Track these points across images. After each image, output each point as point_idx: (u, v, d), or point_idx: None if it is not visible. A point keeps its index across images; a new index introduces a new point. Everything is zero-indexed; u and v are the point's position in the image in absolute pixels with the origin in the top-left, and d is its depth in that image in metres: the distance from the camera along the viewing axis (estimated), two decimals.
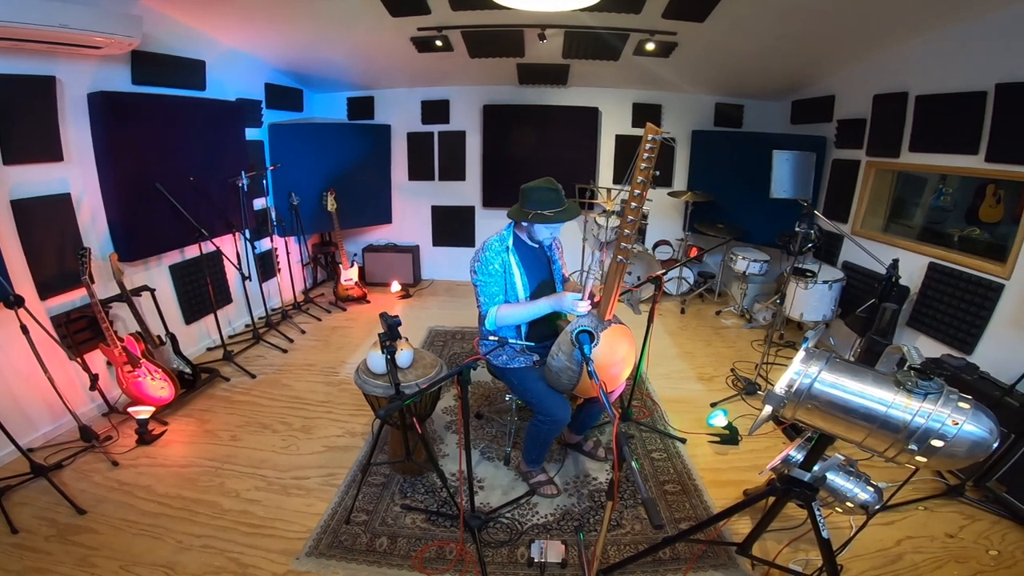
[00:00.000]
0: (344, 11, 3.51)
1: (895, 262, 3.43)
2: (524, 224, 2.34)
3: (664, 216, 5.62)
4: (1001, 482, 2.47)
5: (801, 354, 1.47)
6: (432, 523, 2.38)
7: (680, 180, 5.48)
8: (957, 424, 1.24)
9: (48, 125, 2.77)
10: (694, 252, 5.41)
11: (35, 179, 2.76)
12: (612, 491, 1.55)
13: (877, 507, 1.97)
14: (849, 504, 1.91)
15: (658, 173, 2.06)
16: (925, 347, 3.44)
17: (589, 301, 2.25)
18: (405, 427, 2.27)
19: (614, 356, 2.31)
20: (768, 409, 1.51)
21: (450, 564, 2.15)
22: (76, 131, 2.95)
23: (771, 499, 1.86)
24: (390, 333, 1.91)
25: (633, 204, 2.10)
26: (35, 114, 2.70)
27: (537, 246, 2.45)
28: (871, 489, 1.90)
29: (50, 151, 2.81)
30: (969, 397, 1.31)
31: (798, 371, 1.44)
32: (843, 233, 3.40)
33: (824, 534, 1.72)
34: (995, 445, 1.26)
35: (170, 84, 3.51)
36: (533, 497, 2.55)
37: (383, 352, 1.95)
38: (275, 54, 4.44)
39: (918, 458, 1.30)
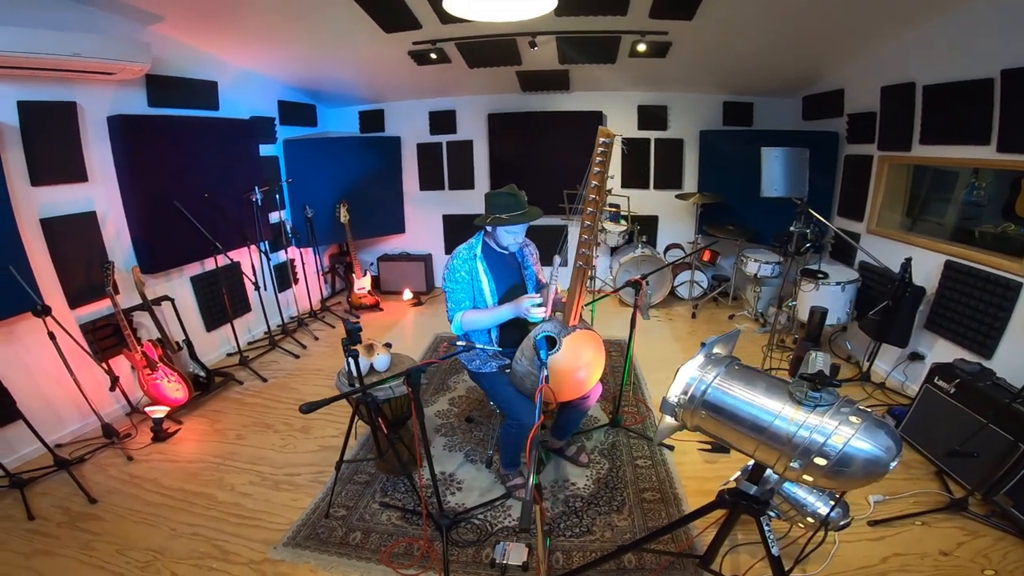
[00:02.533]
0: (341, 31, 3.69)
1: (907, 261, 3.26)
2: (489, 230, 2.40)
3: (676, 219, 5.52)
4: (1009, 496, 2.29)
5: (699, 358, 1.42)
6: (407, 521, 2.46)
7: (690, 182, 5.36)
8: (843, 440, 1.15)
9: (72, 148, 3.06)
10: (708, 256, 5.27)
11: (62, 199, 3.05)
12: (535, 496, 1.56)
13: (842, 523, 1.87)
14: (810, 519, 1.83)
15: (613, 176, 2.06)
16: (943, 351, 3.22)
17: (549, 305, 2.29)
18: (374, 427, 2.36)
19: (577, 361, 2.31)
20: (669, 418, 1.46)
21: (415, 560, 2.21)
22: (98, 153, 3.24)
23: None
24: (351, 338, 2.00)
25: (589, 209, 2.11)
26: (59, 138, 2.98)
27: (507, 253, 2.50)
28: (832, 503, 1.81)
29: (75, 172, 3.10)
30: (868, 411, 1.21)
31: (693, 376, 1.39)
32: (834, 229, 3.24)
33: (774, 551, 1.65)
34: (892, 464, 1.14)
35: (185, 105, 3.78)
36: (508, 500, 2.58)
37: (346, 356, 2.04)
38: (285, 73, 4.71)
39: (805, 476, 1.22)
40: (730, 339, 1.51)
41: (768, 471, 1.69)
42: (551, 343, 2.20)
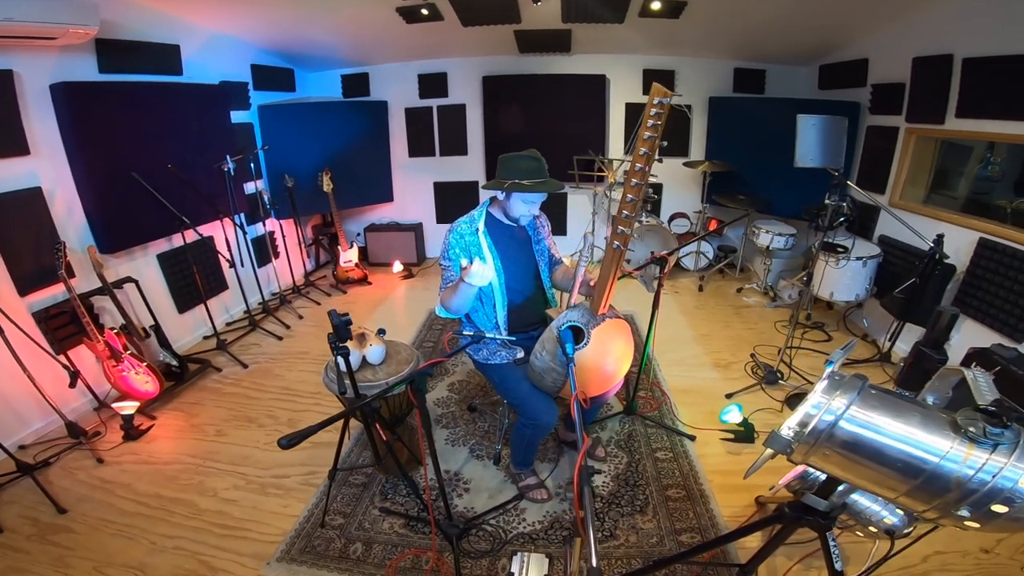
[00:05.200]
0: None
1: (939, 237, 3.06)
2: (500, 198, 2.11)
3: (681, 187, 5.26)
4: None
5: (823, 383, 1.12)
6: (411, 529, 2.24)
7: (697, 149, 5.08)
8: None
9: (9, 119, 2.66)
10: (714, 225, 5.04)
11: (1, 175, 2.66)
12: (577, 528, 1.33)
13: (906, 531, 1.70)
14: (872, 528, 1.65)
15: (665, 144, 1.72)
16: (973, 334, 3.07)
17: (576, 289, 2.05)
18: (371, 430, 2.10)
19: (606, 356, 2.06)
20: (769, 451, 1.21)
21: (424, 574, 2.01)
22: (41, 124, 2.84)
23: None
24: (339, 334, 1.71)
25: (634, 181, 1.80)
26: None
27: (515, 225, 2.20)
28: (900, 512, 1.62)
29: (14, 145, 2.70)
30: None
31: (818, 404, 1.10)
32: (880, 205, 3.02)
33: (837, 566, 1.47)
34: None
35: (142, 71, 3.35)
36: (521, 502, 2.37)
37: (335, 355, 1.75)
38: (259, 35, 4.23)
39: (969, 524, 1.01)
40: (847, 350, 1.24)
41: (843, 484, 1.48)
42: (578, 335, 1.95)
